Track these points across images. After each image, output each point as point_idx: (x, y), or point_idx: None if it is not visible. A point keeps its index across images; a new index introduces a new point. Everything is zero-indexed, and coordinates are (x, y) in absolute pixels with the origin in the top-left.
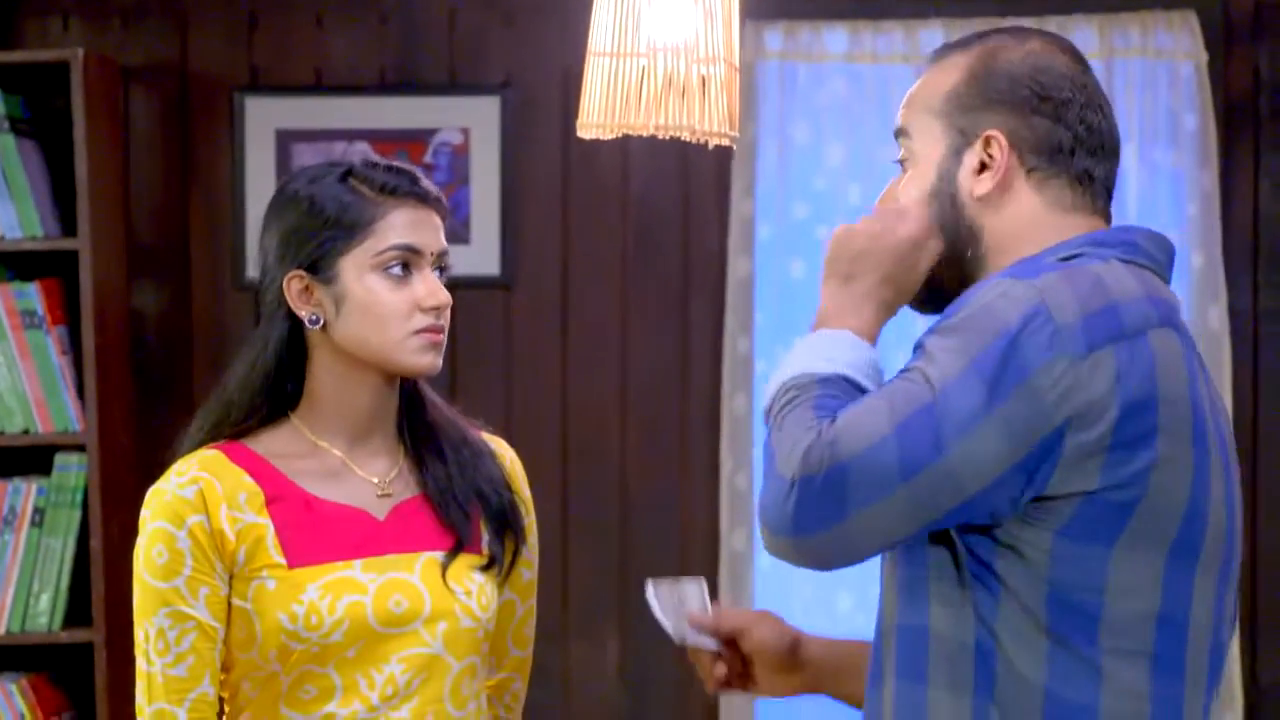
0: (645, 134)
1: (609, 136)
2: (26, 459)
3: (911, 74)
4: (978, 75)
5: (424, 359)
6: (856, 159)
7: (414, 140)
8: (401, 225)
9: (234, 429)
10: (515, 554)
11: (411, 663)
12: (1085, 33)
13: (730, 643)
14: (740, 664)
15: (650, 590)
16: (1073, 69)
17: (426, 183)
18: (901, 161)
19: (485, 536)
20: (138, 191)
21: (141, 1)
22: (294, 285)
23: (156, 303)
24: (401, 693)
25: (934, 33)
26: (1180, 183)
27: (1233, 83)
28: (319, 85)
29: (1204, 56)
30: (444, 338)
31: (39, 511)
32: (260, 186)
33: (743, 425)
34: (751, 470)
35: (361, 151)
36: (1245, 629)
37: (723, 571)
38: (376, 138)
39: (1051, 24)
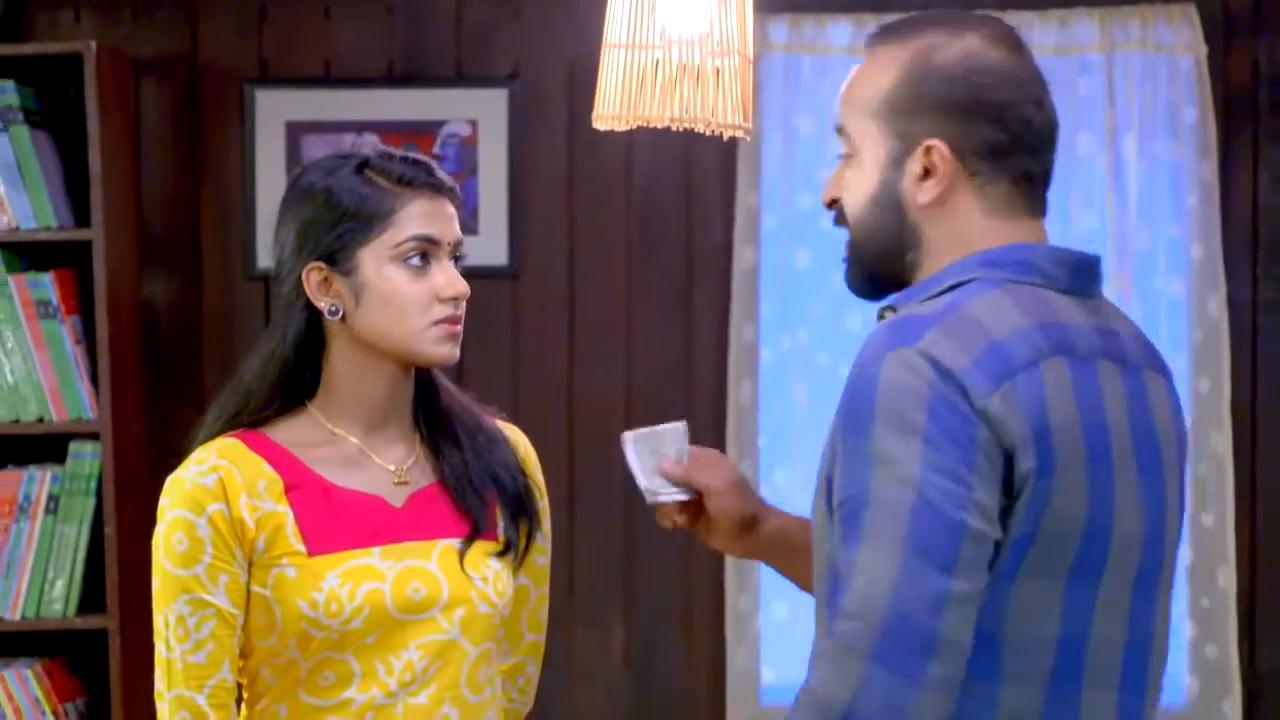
0: (660, 125)
1: (623, 128)
2: (41, 447)
3: None
4: (913, 77)
5: (442, 349)
6: None
7: (422, 132)
8: (419, 216)
9: (252, 418)
10: (530, 539)
11: (429, 649)
12: (1086, 26)
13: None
14: (699, 512)
15: (627, 443)
16: (1010, 62)
17: (441, 173)
18: (844, 155)
19: (501, 523)
20: (148, 182)
21: None
22: (313, 277)
23: (167, 293)
24: (419, 679)
25: None
26: (1180, 174)
27: (1232, 76)
28: (328, 77)
29: (1203, 50)
30: (461, 328)
31: (53, 499)
32: (270, 178)
33: (748, 414)
34: (757, 458)
35: (371, 143)
36: (1244, 620)
37: (728, 562)
38: (385, 129)
39: (1053, 18)
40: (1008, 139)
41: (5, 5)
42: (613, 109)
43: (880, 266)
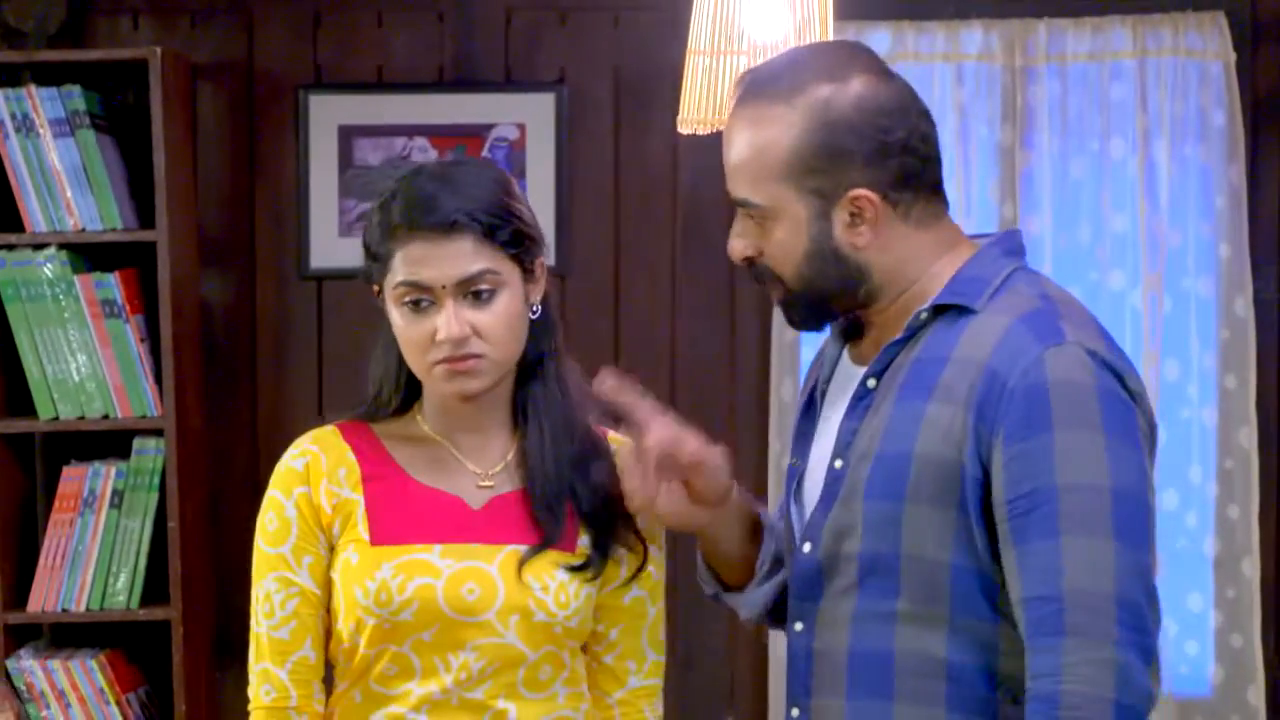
0: None
1: (706, 132)
2: (106, 443)
3: (952, 72)
4: (816, 134)
5: (449, 386)
6: None
7: (471, 135)
8: (411, 260)
9: (374, 410)
10: (638, 561)
11: (486, 651)
12: (1119, 33)
13: (673, 464)
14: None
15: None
16: (895, 91)
17: (456, 205)
18: (752, 217)
19: (583, 538)
20: (205, 185)
21: (209, 1)
22: (376, 292)
23: (223, 292)
24: (475, 678)
25: (974, 33)
26: (1209, 177)
27: (1260, 81)
28: (380, 82)
29: (1232, 56)
30: (478, 361)
31: (118, 494)
32: (323, 180)
33: (789, 409)
34: None
35: (421, 147)
36: (1269, 610)
37: None
38: (435, 133)
39: (1087, 25)
40: (918, 162)
41: (67, 12)
42: (697, 113)
43: (834, 305)
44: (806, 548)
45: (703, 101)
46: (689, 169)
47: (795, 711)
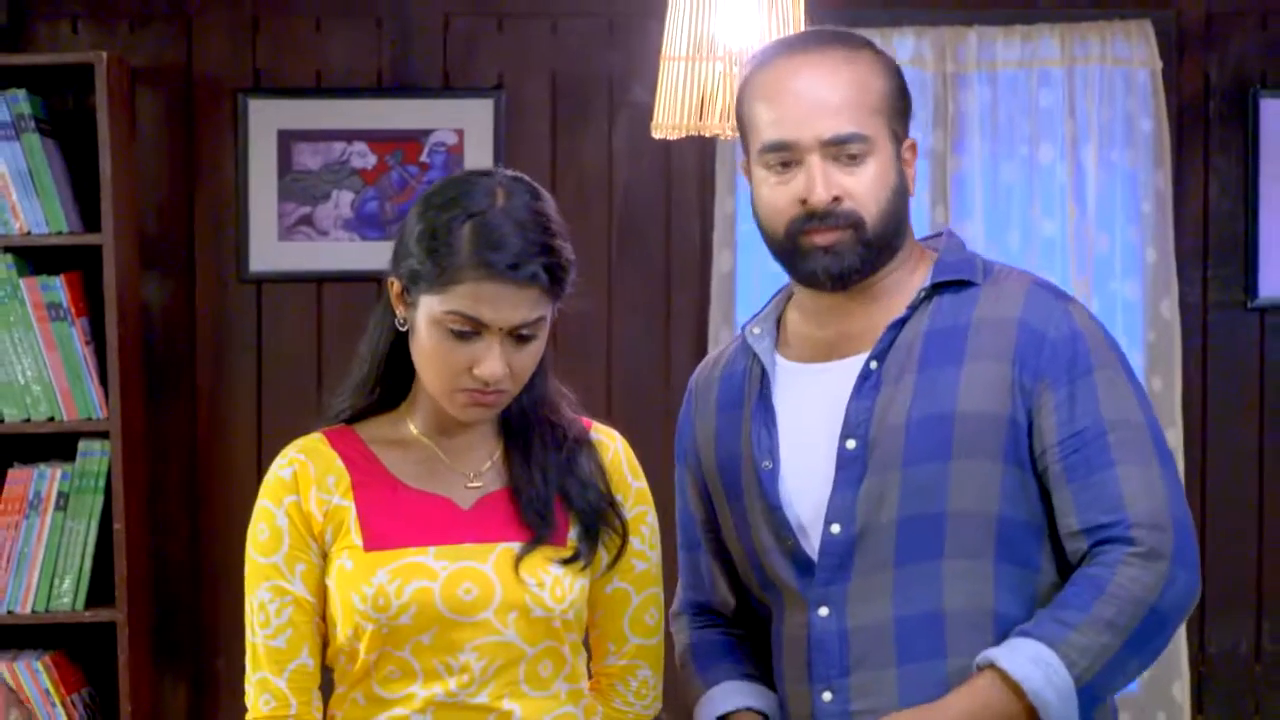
0: (717, 135)
1: (678, 136)
2: (52, 445)
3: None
4: (895, 80)
5: (467, 414)
6: None
7: (410, 140)
8: (477, 297)
9: (354, 410)
10: (620, 548)
11: (485, 650)
12: (1048, 41)
13: None
14: None
15: None
16: None
17: (532, 253)
18: (851, 155)
19: (573, 531)
20: (146, 189)
21: (148, 6)
22: (394, 287)
23: (163, 295)
24: (478, 679)
25: (905, 40)
26: (1135, 182)
27: (1185, 88)
28: (319, 87)
29: (1158, 64)
30: (500, 396)
31: (63, 496)
32: (262, 184)
33: None
34: None
35: (360, 152)
36: (1195, 609)
37: None
38: (374, 138)
39: (1016, 33)
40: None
41: (8, 17)
42: (672, 119)
43: (885, 251)
44: (835, 529)
45: (678, 106)
46: (625, 174)
47: (827, 695)
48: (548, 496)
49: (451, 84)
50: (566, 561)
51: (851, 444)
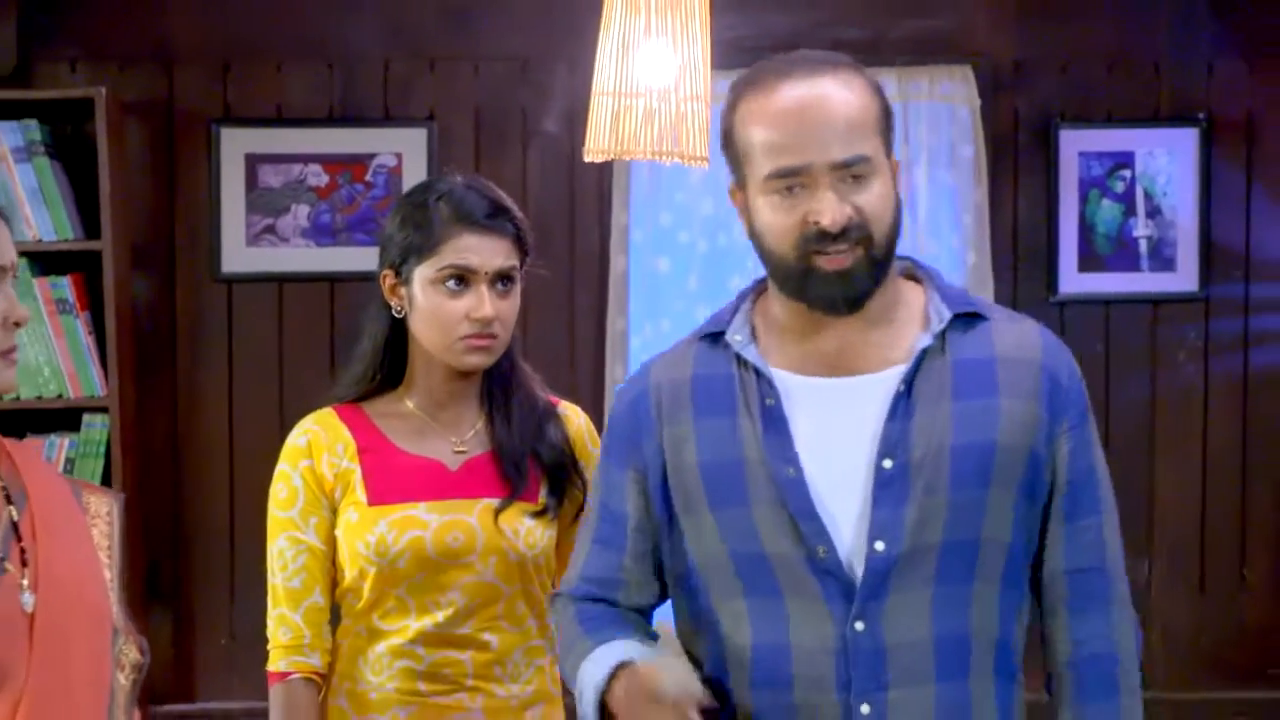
0: (640, 158)
1: (603, 160)
2: (59, 419)
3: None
4: (884, 101)
5: (470, 359)
6: (710, 179)
7: (356, 163)
8: (462, 248)
9: (357, 391)
10: (579, 502)
11: (469, 589)
12: (886, 82)
13: None
14: None
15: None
16: None
17: (500, 210)
18: (856, 176)
19: (543, 489)
20: (135, 203)
21: (135, 49)
22: (386, 281)
23: (149, 293)
24: (463, 614)
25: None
26: (957, 198)
27: (998, 122)
28: (280, 118)
29: (977, 102)
30: (495, 340)
31: (70, 461)
32: (232, 199)
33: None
34: None
35: (315, 172)
36: None
37: None
38: (326, 160)
39: None
40: None
41: (17, 59)
42: (602, 144)
43: (888, 266)
44: (880, 546)
45: (607, 135)
46: (536, 191)
47: (866, 708)
48: (524, 453)
49: (391, 115)
50: (538, 514)
51: (889, 464)
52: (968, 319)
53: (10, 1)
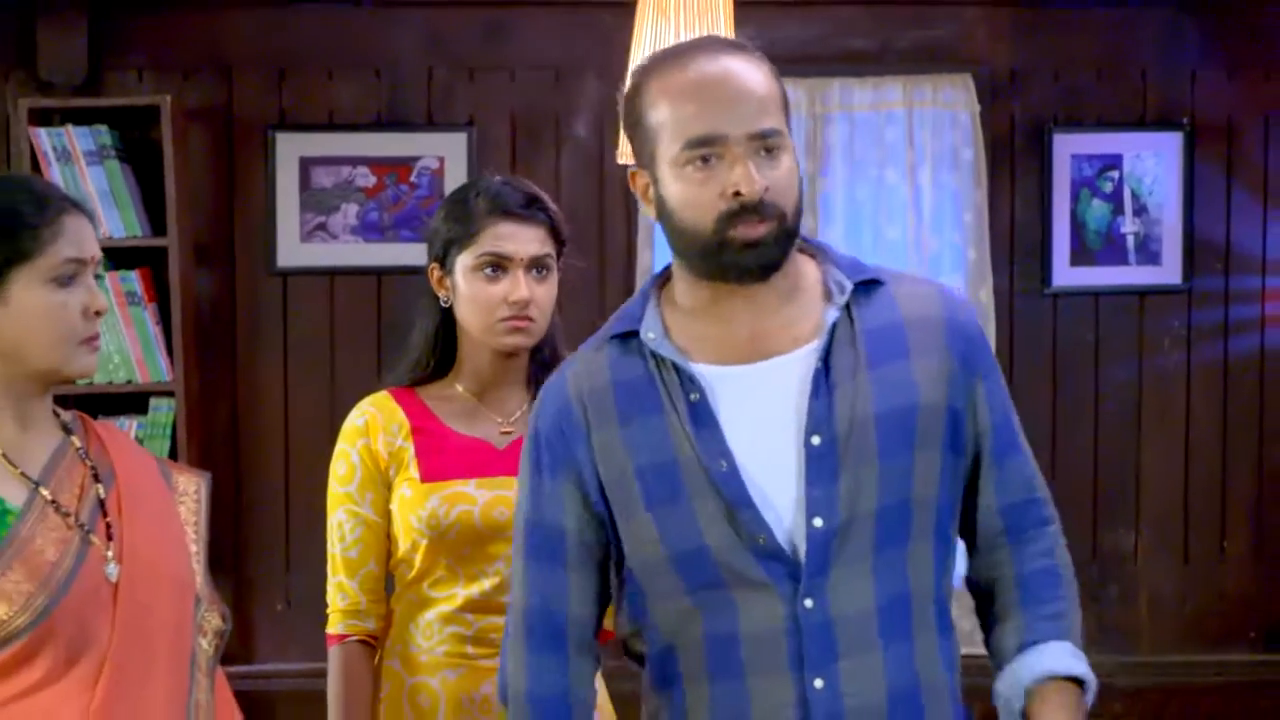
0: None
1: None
2: (128, 402)
3: None
4: (783, 88)
5: (509, 340)
6: None
7: (402, 165)
8: (498, 236)
9: (412, 376)
10: None
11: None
12: (893, 89)
13: None
14: None
15: None
16: None
17: (533, 201)
18: (769, 149)
19: None
20: (197, 202)
21: (197, 60)
22: (433, 273)
23: (210, 286)
24: (508, 581)
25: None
26: (959, 198)
27: (996, 126)
28: (331, 124)
29: (976, 108)
30: (532, 323)
31: (139, 442)
32: (287, 199)
33: None
34: None
35: (364, 174)
36: None
37: None
38: (374, 163)
39: (869, 83)
40: None
41: (88, 69)
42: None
43: (793, 241)
44: (818, 522)
45: None
46: (569, 190)
47: (819, 682)
48: None
49: (434, 121)
50: None
51: (817, 440)
52: (867, 286)
53: (82, 17)
